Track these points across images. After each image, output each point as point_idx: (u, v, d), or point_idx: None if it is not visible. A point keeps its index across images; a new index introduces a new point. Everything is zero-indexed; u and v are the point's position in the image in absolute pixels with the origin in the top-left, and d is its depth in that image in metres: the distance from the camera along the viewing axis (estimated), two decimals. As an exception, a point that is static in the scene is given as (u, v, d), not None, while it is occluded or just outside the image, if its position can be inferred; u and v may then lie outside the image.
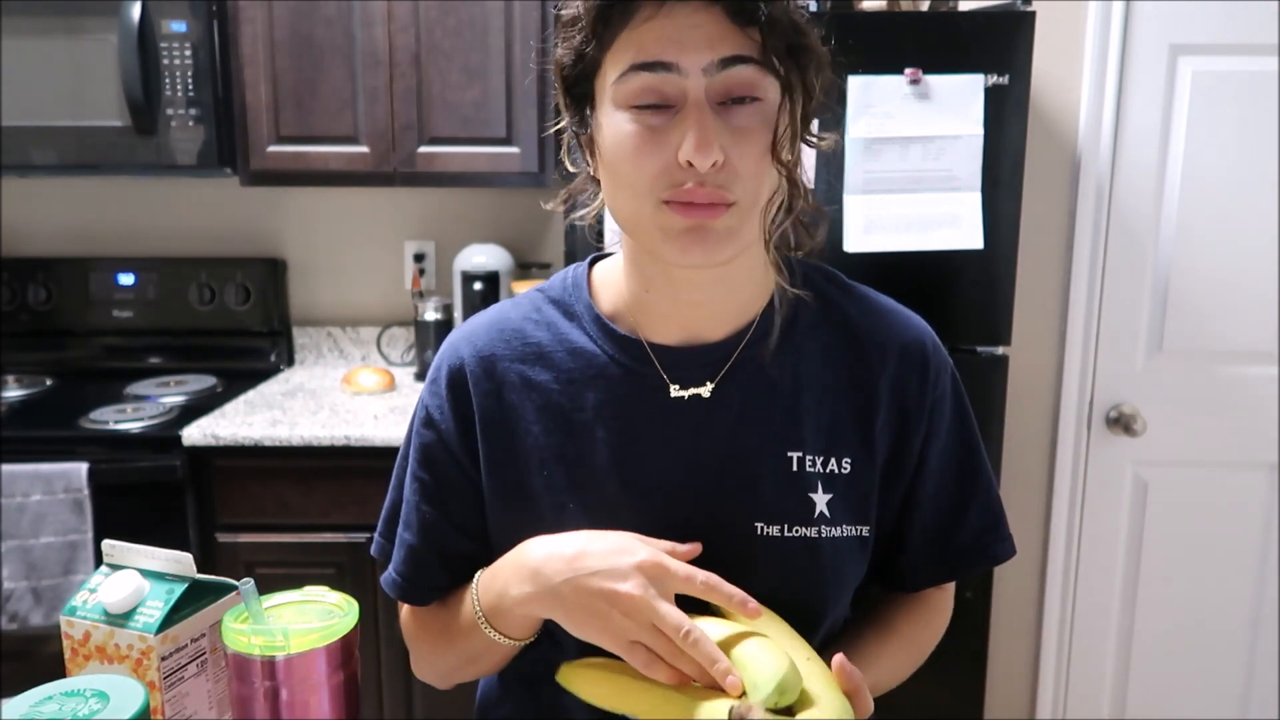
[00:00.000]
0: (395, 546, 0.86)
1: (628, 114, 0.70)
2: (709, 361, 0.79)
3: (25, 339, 2.34)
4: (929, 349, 0.83)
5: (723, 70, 0.68)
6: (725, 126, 0.69)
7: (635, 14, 0.68)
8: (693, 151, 0.67)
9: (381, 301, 2.45)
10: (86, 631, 0.73)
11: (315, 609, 0.72)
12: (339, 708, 0.69)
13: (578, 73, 0.73)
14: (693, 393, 0.79)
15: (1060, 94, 2.04)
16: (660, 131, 0.69)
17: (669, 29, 0.68)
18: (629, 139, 0.70)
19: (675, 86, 0.68)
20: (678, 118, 0.69)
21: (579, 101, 0.75)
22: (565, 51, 0.73)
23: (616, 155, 0.71)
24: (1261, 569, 2.15)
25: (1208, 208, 2.02)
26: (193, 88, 1.99)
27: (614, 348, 0.80)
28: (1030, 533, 2.20)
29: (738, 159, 0.69)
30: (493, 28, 2.01)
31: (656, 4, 0.68)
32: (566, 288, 0.85)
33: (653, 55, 0.68)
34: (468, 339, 0.84)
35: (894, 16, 1.77)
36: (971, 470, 0.86)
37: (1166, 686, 2.21)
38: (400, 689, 1.96)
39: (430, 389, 0.84)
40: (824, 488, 0.78)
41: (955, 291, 1.76)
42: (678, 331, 0.80)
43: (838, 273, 0.87)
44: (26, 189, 2.39)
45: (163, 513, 1.87)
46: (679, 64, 0.68)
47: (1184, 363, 2.09)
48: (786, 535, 0.77)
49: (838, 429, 0.80)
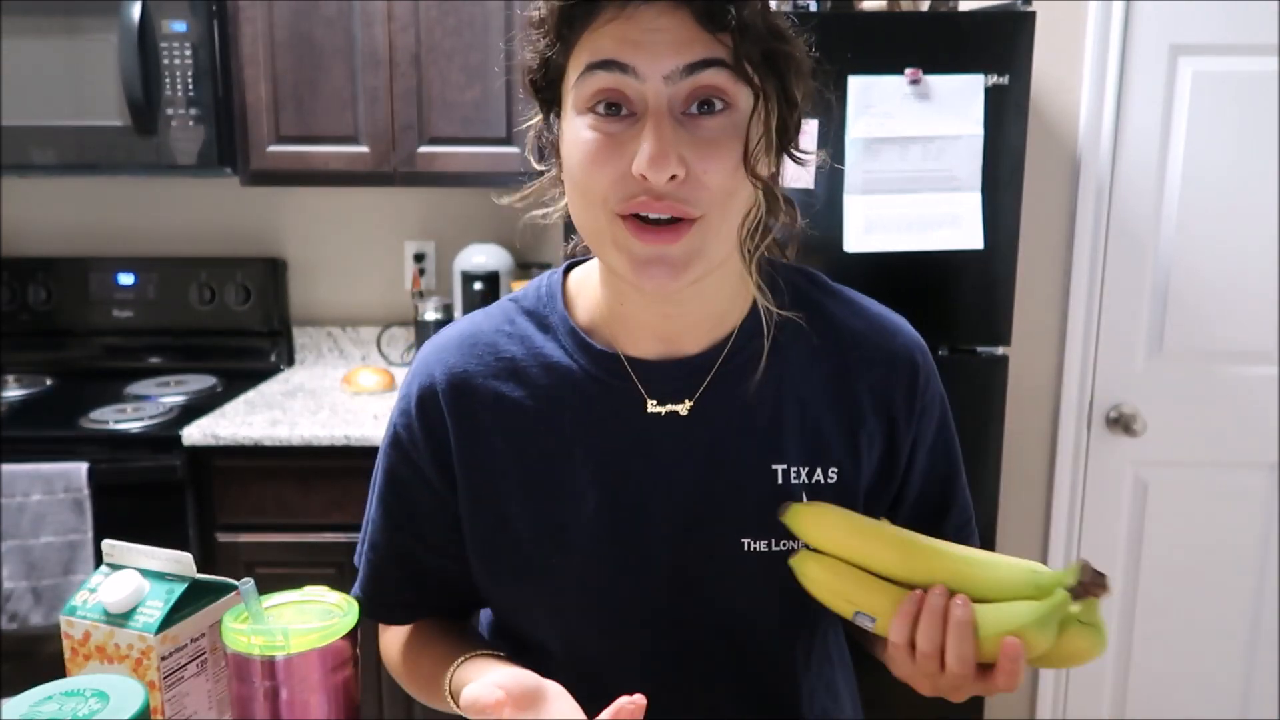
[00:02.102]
0: (360, 564, 0.86)
1: (587, 119, 0.67)
2: (687, 375, 0.77)
3: (25, 339, 2.34)
4: (917, 356, 0.81)
5: (687, 77, 0.64)
6: (689, 137, 0.65)
7: (597, 15, 0.65)
8: (646, 164, 0.63)
9: (381, 301, 2.45)
10: (86, 631, 0.73)
11: (315, 609, 0.72)
12: (339, 708, 0.69)
13: (543, 76, 0.71)
14: (670, 409, 0.76)
15: (1060, 94, 2.04)
16: (618, 140, 0.66)
17: (630, 30, 0.64)
18: (585, 146, 0.67)
19: (635, 91, 0.65)
20: (637, 126, 0.65)
21: (546, 105, 0.73)
22: (531, 55, 0.71)
23: (572, 162, 0.68)
24: (1261, 569, 2.14)
25: (1208, 208, 2.02)
26: (193, 88, 1.99)
27: (589, 362, 0.77)
28: (1030, 533, 2.20)
29: (702, 172, 0.65)
30: (493, 28, 2.01)
31: (620, 5, 0.65)
32: (541, 298, 0.81)
33: (609, 54, 0.65)
34: (439, 356, 0.80)
35: (894, 16, 1.76)
36: (953, 473, 0.85)
37: (1166, 686, 2.21)
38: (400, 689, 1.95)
39: (400, 409, 0.81)
40: (810, 499, 0.76)
41: (955, 291, 1.76)
42: (655, 345, 0.77)
43: (820, 275, 0.84)
44: (26, 189, 2.39)
45: (163, 513, 1.87)
46: (636, 68, 0.64)
47: (1184, 363, 2.09)
48: (774, 550, 0.75)
49: (822, 439, 0.78)
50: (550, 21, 0.68)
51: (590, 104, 0.67)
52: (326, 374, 2.36)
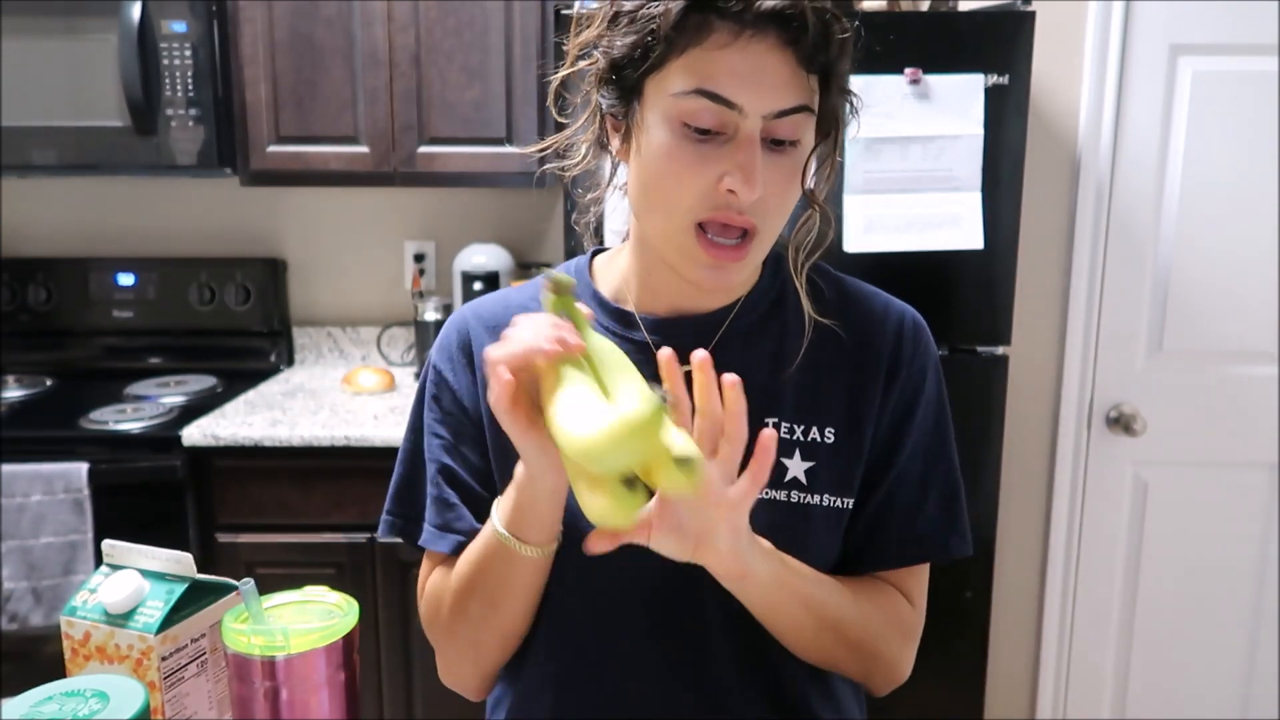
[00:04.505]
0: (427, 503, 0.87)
1: (680, 131, 0.72)
2: (698, 331, 0.83)
3: (25, 339, 2.34)
4: (913, 326, 0.86)
5: (779, 118, 0.71)
6: (766, 162, 0.72)
7: (711, 33, 0.69)
8: (741, 184, 0.70)
9: (381, 301, 2.45)
10: (86, 631, 0.73)
11: (315, 609, 0.72)
12: (339, 708, 0.69)
13: (634, 63, 0.72)
14: (682, 370, 0.79)
15: (1060, 94, 2.04)
16: (707, 156, 0.72)
17: (741, 65, 0.69)
18: (675, 157, 0.72)
19: (732, 122, 0.71)
20: (727, 146, 0.71)
21: (624, 88, 0.75)
22: (625, 41, 0.72)
23: (657, 168, 0.74)
24: (1261, 569, 2.15)
25: (1208, 208, 2.02)
26: (193, 88, 1.99)
27: (606, 318, 0.85)
28: (1030, 533, 2.20)
29: (770, 194, 0.73)
30: (493, 28, 2.01)
31: (734, 32, 0.69)
32: (568, 271, 0.90)
33: (721, 89, 0.70)
34: (473, 310, 0.89)
35: (894, 16, 1.77)
36: (938, 456, 0.86)
37: (1166, 686, 2.21)
38: (400, 689, 1.96)
39: (439, 352, 0.88)
40: (803, 455, 0.81)
41: (955, 291, 1.76)
42: (669, 307, 0.84)
43: (821, 263, 0.90)
44: (26, 189, 2.39)
45: (163, 513, 1.87)
46: (743, 106, 0.70)
47: (1184, 363, 2.09)
48: (763, 498, 0.78)
49: (821, 400, 0.83)
50: (661, 20, 0.70)
51: (688, 120, 0.71)
52: (326, 374, 2.36)
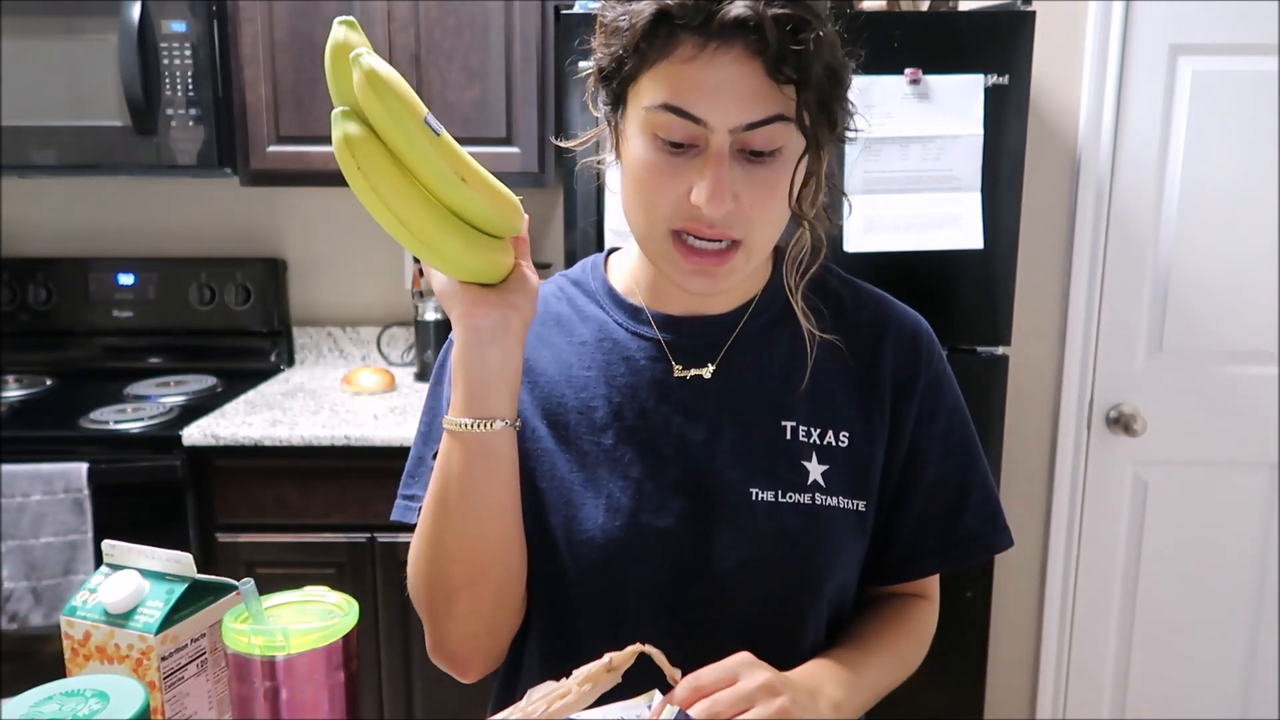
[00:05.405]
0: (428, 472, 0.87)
1: (653, 142, 0.73)
2: (711, 333, 0.84)
3: (25, 339, 2.34)
4: (923, 333, 0.88)
5: (749, 130, 0.70)
6: (744, 175, 0.72)
7: (678, 46, 0.70)
8: (704, 199, 0.70)
9: (381, 301, 2.45)
10: (86, 631, 0.73)
11: (315, 609, 0.72)
12: (339, 708, 0.69)
13: (615, 75, 0.75)
14: (694, 373, 0.83)
15: (1060, 94, 2.04)
16: (678, 168, 0.72)
17: (707, 79, 0.69)
18: (650, 168, 0.73)
19: (700, 135, 0.71)
20: (698, 160, 0.72)
21: (614, 98, 0.77)
22: (604, 56, 0.75)
23: (636, 177, 0.75)
24: (1261, 569, 2.15)
25: (1208, 208, 2.02)
26: (193, 88, 1.99)
27: (621, 314, 0.87)
28: (1030, 533, 2.20)
29: (750, 205, 0.72)
30: (493, 28, 2.01)
31: (699, 45, 0.69)
32: (585, 270, 0.93)
33: (687, 104, 0.70)
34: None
35: (894, 16, 1.76)
36: (971, 459, 0.88)
37: (1166, 686, 2.21)
38: (400, 689, 1.96)
39: None
40: (819, 458, 0.82)
41: (955, 291, 1.76)
42: (683, 308, 0.85)
43: (833, 266, 0.91)
44: (26, 189, 2.39)
45: (163, 513, 1.87)
46: (708, 121, 0.70)
47: (1184, 363, 2.09)
48: (781, 501, 0.80)
49: (835, 404, 0.83)
50: (630, 35, 0.71)
51: (658, 133, 0.72)
52: (326, 374, 2.36)
